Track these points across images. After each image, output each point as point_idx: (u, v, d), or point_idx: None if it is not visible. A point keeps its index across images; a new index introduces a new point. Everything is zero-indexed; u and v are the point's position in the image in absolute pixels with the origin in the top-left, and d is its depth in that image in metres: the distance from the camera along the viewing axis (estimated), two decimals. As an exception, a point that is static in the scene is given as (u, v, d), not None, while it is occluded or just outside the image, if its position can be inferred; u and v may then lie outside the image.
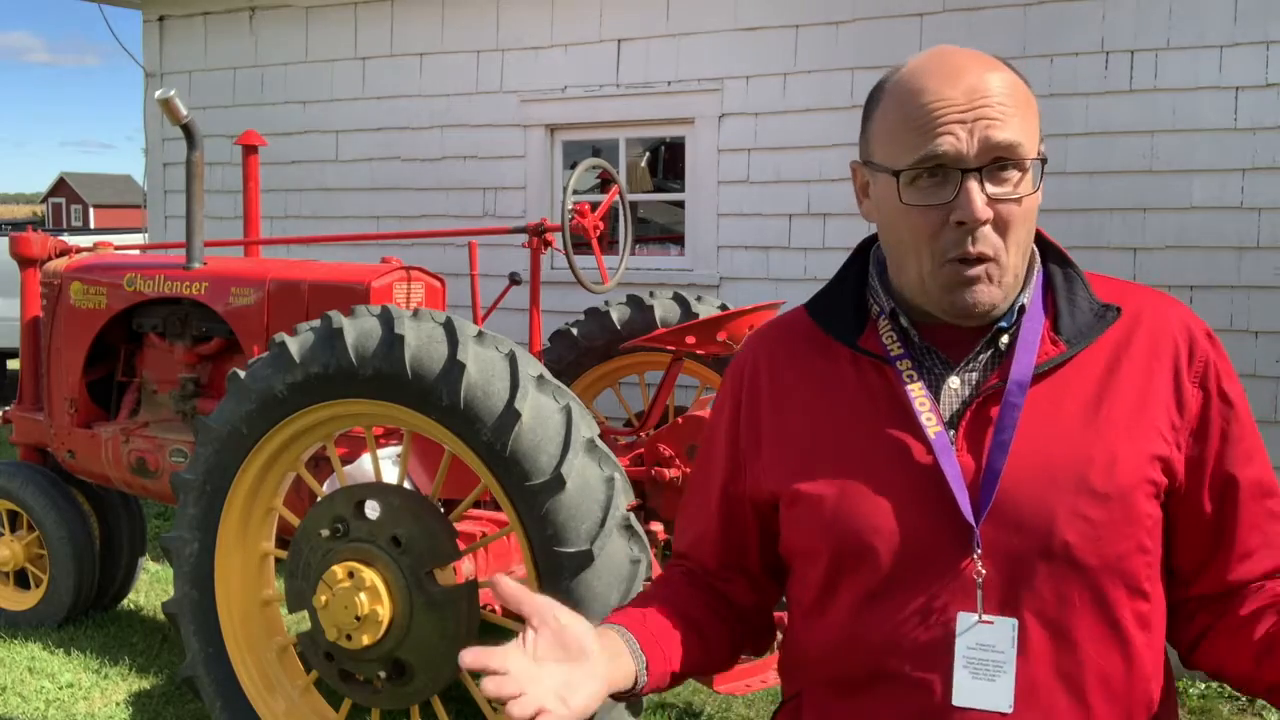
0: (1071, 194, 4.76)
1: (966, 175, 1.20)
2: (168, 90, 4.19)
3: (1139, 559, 1.24)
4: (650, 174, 6.25)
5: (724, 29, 5.47)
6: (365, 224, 6.48)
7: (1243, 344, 4.53)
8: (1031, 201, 1.24)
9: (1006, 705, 1.20)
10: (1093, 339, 1.27)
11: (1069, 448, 1.22)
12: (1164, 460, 1.25)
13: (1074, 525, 1.20)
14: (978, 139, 1.19)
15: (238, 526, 3.37)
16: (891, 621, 1.23)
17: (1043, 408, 1.24)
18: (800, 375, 1.36)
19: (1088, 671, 1.21)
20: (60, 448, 4.72)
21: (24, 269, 4.96)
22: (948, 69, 1.23)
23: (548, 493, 2.86)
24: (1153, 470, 1.24)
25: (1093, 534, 1.20)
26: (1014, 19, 4.84)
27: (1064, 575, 1.20)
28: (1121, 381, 1.26)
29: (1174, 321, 1.30)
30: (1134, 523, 1.22)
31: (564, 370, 4.73)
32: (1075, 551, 1.20)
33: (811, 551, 1.30)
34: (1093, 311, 1.29)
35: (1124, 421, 1.24)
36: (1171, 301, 1.34)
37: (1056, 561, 1.20)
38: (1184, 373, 1.28)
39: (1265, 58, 4.43)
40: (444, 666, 3.06)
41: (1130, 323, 1.29)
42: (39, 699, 4.13)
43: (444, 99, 6.23)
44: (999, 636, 1.19)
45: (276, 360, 3.18)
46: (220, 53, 6.90)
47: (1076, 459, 1.22)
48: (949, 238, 1.22)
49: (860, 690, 1.27)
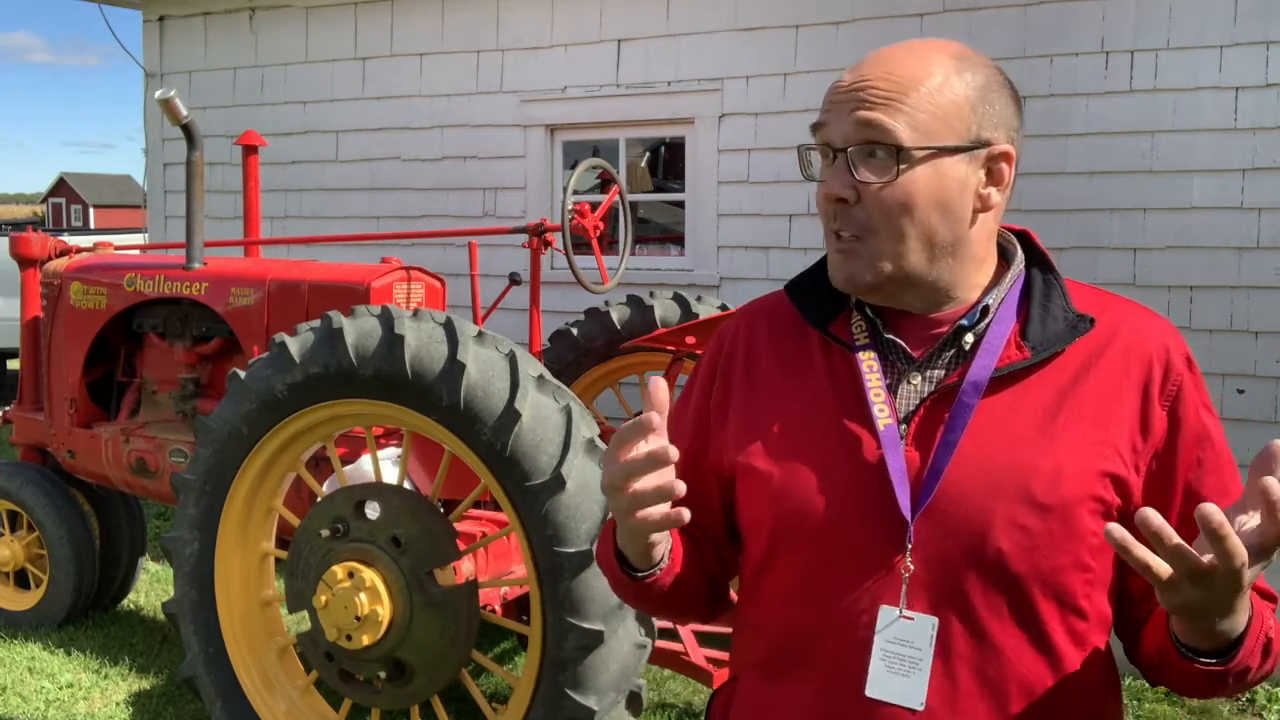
0: (1071, 194, 4.76)
1: (836, 155, 1.25)
2: (168, 90, 4.19)
3: (1075, 575, 1.21)
4: (650, 174, 6.25)
5: (724, 29, 5.47)
6: (365, 224, 6.48)
7: (1243, 344, 4.53)
8: (905, 189, 1.21)
9: (918, 703, 1.20)
10: (1060, 348, 1.25)
11: (1016, 455, 1.21)
12: (1117, 479, 1.21)
13: (1009, 533, 1.19)
14: (849, 121, 1.23)
15: (238, 526, 3.37)
16: (819, 607, 1.25)
17: (998, 412, 1.23)
18: (775, 353, 1.37)
19: (1010, 679, 1.21)
20: (60, 448, 4.72)
21: (24, 269, 4.96)
22: (870, 56, 1.27)
23: (548, 493, 2.86)
24: (1101, 488, 1.21)
25: (1028, 544, 1.19)
26: (1014, 19, 4.84)
27: (993, 581, 1.20)
28: (1084, 394, 1.23)
29: (1153, 340, 1.27)
30: (1074, 538, 1.20)
31: (564, 370, 4.73)
32: (1007, 559, 1.19)
33: (755, 527, 1.32)
34: (1066, 321, 1.26)
35: (1078, 435, 1.22)
36: (1156, 319, 1.30)
37: (987, 567, 1.20)
38: (1154, 394, 1.24)
39: (1265, 58, 4.43)
40: (444, 666, 3.06)
41: (1106, 336, 1.26)
42: (39, 699, 4.13)
43: (444, 99, 6.23)
44: (918, 633, 1.20)
45: (276, 360, 3.18)
46: (220, 53, 6.90)
47: (1021, 467, 1.20)
48: (826, 213, 1.27)
49: (786, 674, 1.29)
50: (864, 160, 1.22)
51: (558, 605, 2.88)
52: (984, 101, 1.24)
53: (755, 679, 1.34)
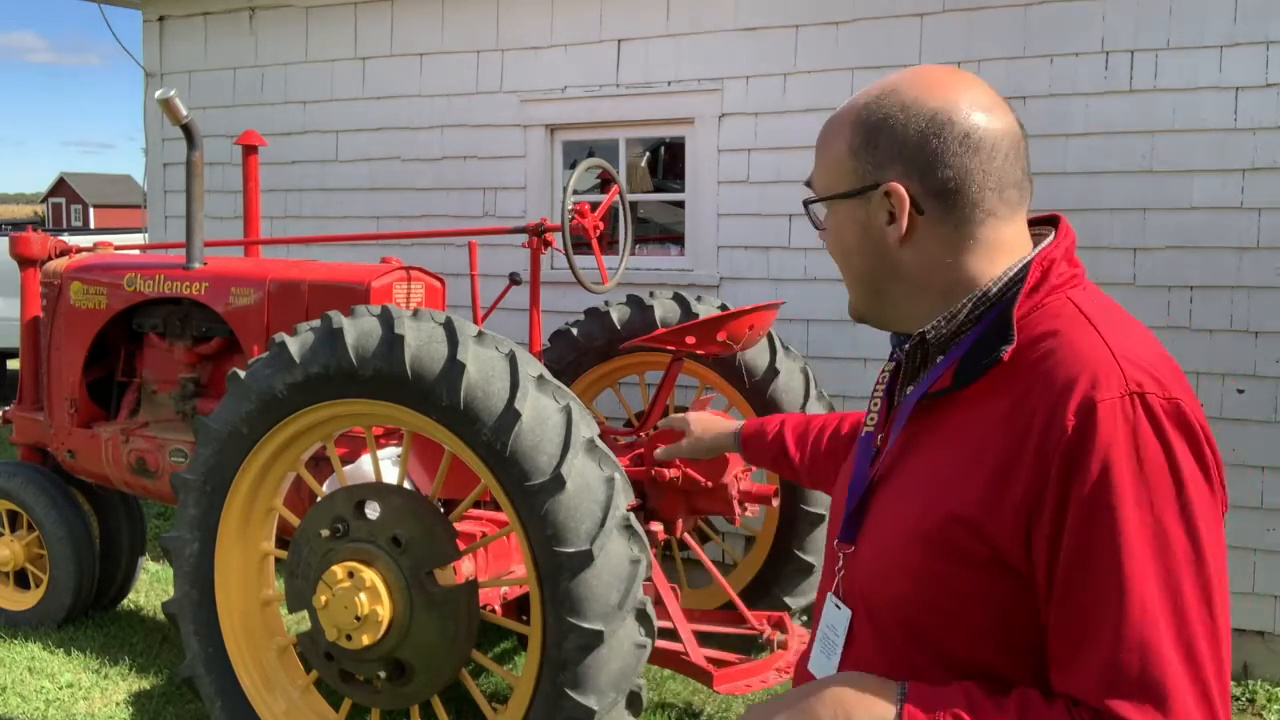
0: (1071, 194, 4.76)
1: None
2: (168, 90, 4.19)
3: (917, 610, 1.20)
4: (650, 174, 6.25)
5: (724, 29, 5.46)
6: (365, 224, 6.48)
7: (1243, 344, 4.53)
8: (830, 235, 1.34)
9: None
10: (973, 379, 1.20)
11: (908, 482, 1.27)
12: (971, 527, 1.14)
13: (877, 550, 1.28)
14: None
15: (238, 526, 3.37)
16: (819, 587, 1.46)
17: (920, 435, 1.28)
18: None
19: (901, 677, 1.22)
20: (60, 448, 4.72)
21: (24, 269, 4.96)
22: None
23: (547, 493, 2.86)
24: (953, 532, 1.15)
25: (880, 564, 1.26)
26: (1014, 19, 4.84)
27: (864, 592, 1.30)
28: (969, 431, 1.19)
29: (1064, 390, 1.12)
30: (920, 577, 1.19)
31: (564, 370, 4.73)
32: (868, 573, 1.29)
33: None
34: (990, 352, 1.20)
35: (946, 473, 1.19)
36: (1089, 373, 1.12)
37: (866, 576, 1.29)
38: (1031, 445, 1.12)
39: (1265, 58, 4.43)
40: (444, 666, 3.06)
41: (1024, 374, 1.17)
42: (39, 699, 4.13)
43: (444, 99, 6.23)
44: (839, 621, 1.33)
45: (276, 360, 3.19)
46: (220, 53, 6.90)
47: (906, 494, 1.26)
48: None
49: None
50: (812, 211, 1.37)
51: (558, 605, 2.88)
52: (868, 146, 1.25)
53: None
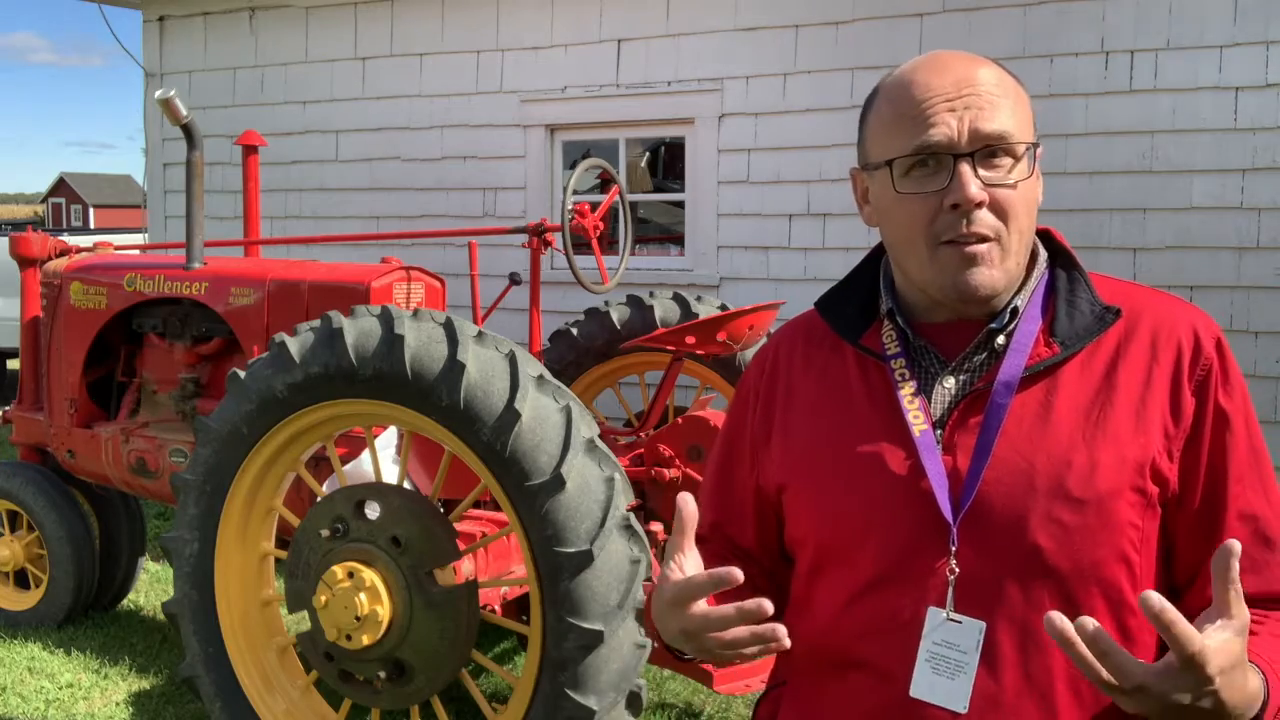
0: (1071, 194, 4.76)
1: (959, 160, 1.22)
2: (168, 90, 4.19)
3: (1118, 568, 1.21)
4: (650, 174, 6.25)
5: (724, 29, 5.46)
6: (365, 224, 6.48)
7: (1243, 344, 4.53)
8: (1028, 188, 1.25)
9: (961, 705, 1.20)
10: (1089, 341, 1.26)
11: (1051, 451, 1.22)
12: (1155, 469, 1.22)
13: (1046, 529, 1.19)
14: (967, 126, 1.22)
15: (238, 526, 3.37)
16: (868, 613, 1.26)
17: (1032, 409, 1.24)
18: (811, 370, 1.39)
19: (1056, 678, 1.20)
20: (60, 448, 4.72)
21: (24, 269, 4.96)
22: (937, 65, 1.26)
23: (547, 493, 2.86)
24: (1140, 478, 1.21)
25: (1066, 539, 1.19)
26: (1014, 19, 4.84)
27: (1035, 579, 1.20)
28: (1118, 386, 1.24)
29: (1180, 325, 1.27)
30: (1113, 530, 1.20)
31: (564, 370, 4.73)
32: (1047, 556, 1.20)
33: (803, 542, 1.35)
34: (1093, 314, 1.28)
35: (1114, 427, 1.22)
36: (1182, 305, 1.31)
37: (1029, 565, 1.20)
38: (1184, 379, 1.25)
39: (1265, 58, 4.43)
40: (444, 666, 3.06)
41: (1131, 325, 1.27)
42: (39, 699, 4.13)
43: (444, 99, 6.23)
44: (964, 637, 1.21)
45: (276, 360, 3.18)
46: (220, 53, 6.90)
47: (1056, 463, 1.21)
48: (944, 221, 1.24)
49: (834, 678, 1.30)
50: (984, 163, 1.23)
51: (557, 605, 2.87)
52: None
53: (803, 685, 1.36)
